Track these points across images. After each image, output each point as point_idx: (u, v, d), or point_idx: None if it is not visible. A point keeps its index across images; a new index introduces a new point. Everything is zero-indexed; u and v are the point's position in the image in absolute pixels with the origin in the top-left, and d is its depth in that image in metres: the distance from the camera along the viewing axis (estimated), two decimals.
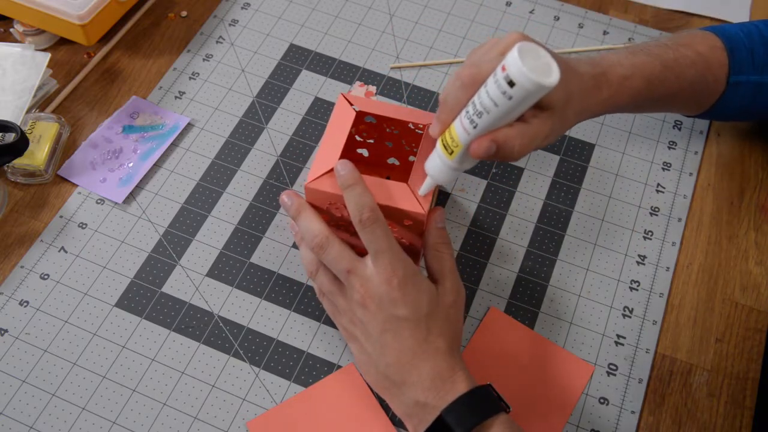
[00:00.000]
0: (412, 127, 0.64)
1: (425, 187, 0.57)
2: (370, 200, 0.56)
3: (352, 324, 0.59)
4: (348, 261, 0.57)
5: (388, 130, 0.66)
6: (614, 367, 0.65)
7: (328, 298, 0.62)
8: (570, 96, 0.58)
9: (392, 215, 0.58)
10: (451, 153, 0.54)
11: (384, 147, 0.69)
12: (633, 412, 0.62)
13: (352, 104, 0.62)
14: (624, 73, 0.63)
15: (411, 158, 0.69)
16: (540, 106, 0.55)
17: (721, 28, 0.70)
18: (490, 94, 0.50)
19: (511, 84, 0.48)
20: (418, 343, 0.55)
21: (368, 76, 0.82)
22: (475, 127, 0.52)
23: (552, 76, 0.49)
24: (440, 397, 0.54)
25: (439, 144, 0.55)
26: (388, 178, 0.71)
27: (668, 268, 0.70)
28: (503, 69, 0.48)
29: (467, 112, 0.52)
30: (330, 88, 0.81)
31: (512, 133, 0.53)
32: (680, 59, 0.66)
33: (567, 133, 0.78)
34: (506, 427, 0.53)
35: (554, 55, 0.56)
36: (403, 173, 0.71)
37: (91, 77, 0.81)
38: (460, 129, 0.53)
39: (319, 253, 0.58)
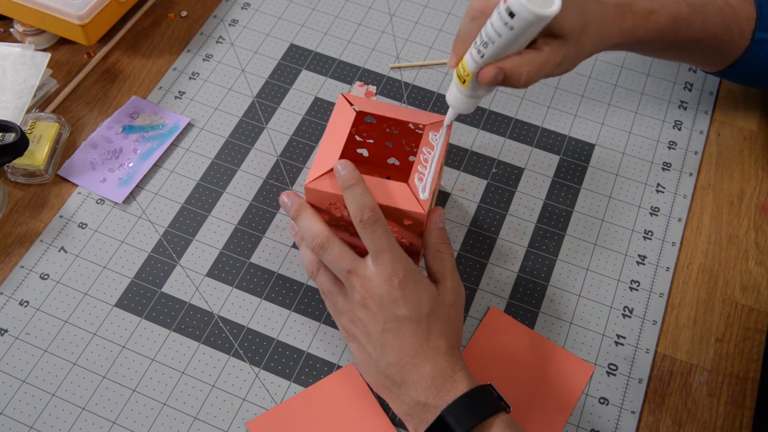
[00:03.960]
0: (412, 127, 0.64)
1: (448, 118, 0.59)
2: (370, 200, 0.56)
3: (352, 324, 0.59)
4: (348, 261, 0.57)
5: (388, 130, 0.66)
6: (614, 367, 0.65)
7: (329, 298, 0.62)
8: (587, 23, 0.58)
9: (392, 215, 0.58)
10: (464, 82, 0.56)
11: (384, 147, 0.69)
12: (633, 412, 0.63)
13: (352, 104, 0.62)
14: (650, 7, 0.63)
15: (411, 158, 0.69)
16: (553, 34, 0.56)
17: None
18: (494, 25, 0.52)
19: (511, 15, 0.50)
20: (419, 343, 0.55)
21: (368, 76, 0.82)
22: (482, 57, 0.54)
23: (553, 6, 0.50)
24: (441, 396, 0.54)
25: (454, 74, 0.57)
26: (388, 178, 0.71)
27: (668, 268, 0.70)
28: (505, 0, 0.50)
29: (475, 43, 0.54)
30: (330, 88, 0.81)
31: (519, 60, 0.54)
32: (708, 5, 0.66)
33: (567, 133, 0.78)
34: (506, 427, 0.53)
35: None
36: (403, 173, 0.71)
37: (91, 77, 0.81)
38: (469, 59, 0.55)
39: (320, 254, 0.58)
